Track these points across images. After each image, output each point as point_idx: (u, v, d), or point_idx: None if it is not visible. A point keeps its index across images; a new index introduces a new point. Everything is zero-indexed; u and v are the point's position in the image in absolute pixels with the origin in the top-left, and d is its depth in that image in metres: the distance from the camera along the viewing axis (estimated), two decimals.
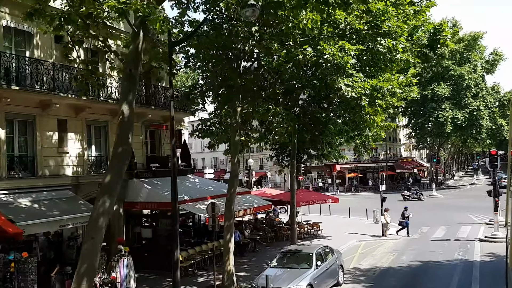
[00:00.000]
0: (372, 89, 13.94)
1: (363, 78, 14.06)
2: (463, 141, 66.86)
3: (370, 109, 14.80)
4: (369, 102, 15.78)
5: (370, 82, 13.92)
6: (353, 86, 13.38)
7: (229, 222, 15.65)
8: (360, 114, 15.07)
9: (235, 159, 15.84)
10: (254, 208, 21.13)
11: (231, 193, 15.76)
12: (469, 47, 58.65)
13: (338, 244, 23.67)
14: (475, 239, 23.47)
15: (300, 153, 24.11)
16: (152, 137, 21.31)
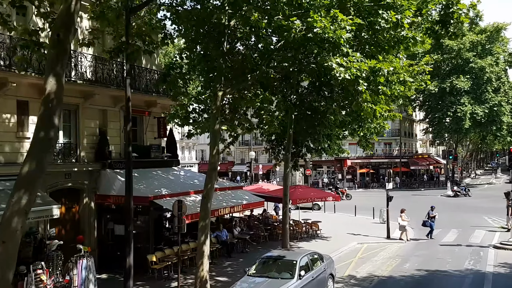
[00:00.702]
0: (370, 71, 11.78)
1: (361, 59, 11.90)
2: (482, 138, 63.65)
3: (368, 96, 12.61)
4: (369, 87, 13.71)
5: (368, 63, 11.76)
6: (347, 67, 11.25)
7: (204, 222, 13.74)
8: (357, 102, 12.90)
9: (215, 151, 13.90)
10: (243, 205, 19.24)
11: (207, 189, 13.83)
12: (492, 38, 55.38)
13: (337, 246, 21.78)
14: (489, 246, 21.18)
15: (299, 146, 22.01)
16: (133, 124, 19.44)
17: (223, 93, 13.99)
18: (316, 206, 35.58)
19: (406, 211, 23.99)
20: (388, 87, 15.38)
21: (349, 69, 11.26)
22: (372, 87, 13.52)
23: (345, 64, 11.40)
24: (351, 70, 11.26)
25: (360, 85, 12.06)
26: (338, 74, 11.03)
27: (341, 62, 11.33)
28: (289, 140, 19.52)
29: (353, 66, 11.36)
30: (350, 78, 11.25)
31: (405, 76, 18.54)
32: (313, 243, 23.10)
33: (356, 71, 11.31)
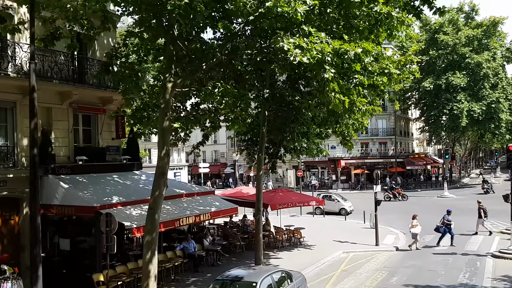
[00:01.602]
0: (335, 53, 9.75)
1: (326, 40, 9.87)
2: (480, 136, 61.65)
3: (336, 86, 10.56)
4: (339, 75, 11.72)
5: (332, 44, 9.74)
6: (307, 48, 9.23)
7: (150, 237, 11.69)
8: (324, 92, 10.86)
9: (163, 152, 11.87)
10: (211, 213, 17.17)
11: (154, 198, 11.78)
12: (488, 33, 53.43)
13: (320, 256, 19.78)
14: (487, 254, 19.15)
15: (277, 146, 19.99)
16: (86, 124, 17.43)
17: (173, 85, 11.95)
18: (318, 209, 34.02)
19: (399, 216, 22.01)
20: (366, 76, 13.50)
21: (309, 50, 9.23)
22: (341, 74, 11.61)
23: (305, 45, 9.37)
24: (311, 52, 9.22)
25: (327, 72, 10.06)
26: (293, 57, 9.00)
27: (300, 43, 9.29)
28: (262, 139, 17.50)
29: (314, 48, 9.33)
30: (310, 62, 9.22)
31: (390, 67, 16.74)
32: (295, 252, 21.08)
33: (317, 53, 9.27)
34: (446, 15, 54.87)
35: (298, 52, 9.07)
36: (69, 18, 12.52)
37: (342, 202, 34.34)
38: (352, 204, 34.92)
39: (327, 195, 36.45)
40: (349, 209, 33.92)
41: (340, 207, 33.90)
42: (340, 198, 35.29)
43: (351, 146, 18.15)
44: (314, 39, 9.69)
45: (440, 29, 53.28)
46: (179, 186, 18.71)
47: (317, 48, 9.39)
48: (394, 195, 42.32)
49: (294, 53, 9.04)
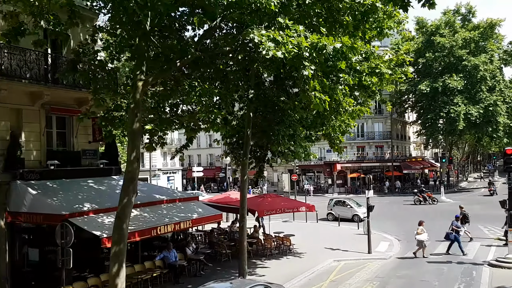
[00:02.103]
0: (312, 48, 8.89)
1: (304, 34, 9.02)
2: (478, 140, 60.88)
3: (317, 84, 9.71)
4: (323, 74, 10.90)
5: (310, 38, 8.88)
6: (282, 42, 8.38)
7: (118, 247, 10.80)
8: (304, 91, 10.01)
9: (133, 155, 11.00)
10: (192, 220, 16.25)
11: (122, 205, 10.91)
12: (485, 35, 52.84)
13: (309, 265, 18.89)
14: (483, 263, 18.24)
15: (263, 150, 19.11)
16: (61, 126, 16.53)
17: (144, 83, 11.10)
18: (330, 215, 33.08)
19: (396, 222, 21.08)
20: (352, 75, 12.67)
21: (285, 44, 8.38)
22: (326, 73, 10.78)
23: (280, 39, 8.52)
24: (287, 46, 8.37)
25: (306, 69, 9.21)
26: (265, 51, 8.14)
27: (274, 36, 8.44)
28: (246, 142, 16.63)
29: (289, 42, 8.48)
30: (285, 57, 8.36)
31: (381, 66, 15.93)
32: (283, 261, 20.16)
33: (293, 47, 8.41)
34: (443, 17, 54.34)
35: (272, 46, 8.22)
36: (34, 13, 11.69)
37: (355, 208, 32.50)
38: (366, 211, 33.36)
39: (340, 201, 34.75)
40: (363, 216, 31.61)
41: (353, 213, 32.07)
42: (353, 204, 33.25)
43: (339, 149, 17.28)
44: (291, 32, 8.85)
45: (436, 31, 52.64)
46: (160, 192, 17.82)
47: (293, 42, 8.54)
48: (425, 198, 41.77)
49: (267, 47, 8.19)
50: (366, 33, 13.10)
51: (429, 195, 42.62)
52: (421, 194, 42.46)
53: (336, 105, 13.50)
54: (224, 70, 15.54)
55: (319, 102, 9.79)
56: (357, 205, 33.30)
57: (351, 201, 34.36)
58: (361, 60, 16.15)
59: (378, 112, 59.40)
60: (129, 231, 13.23)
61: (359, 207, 32.45)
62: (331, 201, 34.81)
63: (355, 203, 33.74)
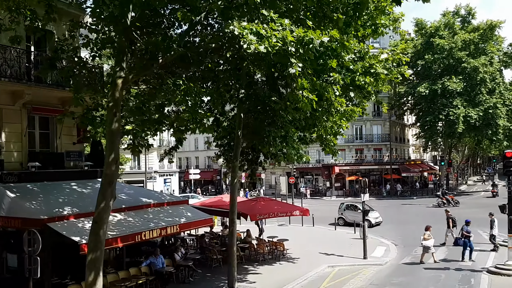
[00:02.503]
0: (299, 42, 8.31)
1: (290, 28, 8.45)
2: (477, 143, 60.27)
3: (305, 82, 9.12)
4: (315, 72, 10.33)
5: (296, 32, 8.30)
6: (266, 36, 7.81)
7: (94, 255, 10.19)
8: (292, 89, 9.44)
9: (111, 157, 10.40)
10: (180, 225, 15.62)
11: (99, 210, 10.32)
12: (485, 37, 52.25)
13: (302, 271, 18.36)
14: (482, 270, 17.63)
15: (256, 152, 18.50)
16: (44, 127, 15.95)
17: (123, 81, 10.51)
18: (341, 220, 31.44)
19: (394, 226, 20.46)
20: (343, 74, 12.10)
21: (268, 39, 7.80)
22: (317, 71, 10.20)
23: (263, 32, 7.94)
24: (270, 40, 7.79)
25: (294, 66, 8.64)
26: (246, 44, 7.56)
27: (257, 30, 7.87)
28: (237, 144, 16.06)
29: (274, 36, 7.90)
30: (268, 52, 7.79)
31: (377, 66, 15.39)
32: (276, 267, 19.56)
33: (277, 41, 7.84)
34: (443, 19, 53.82)
35: (253, 39, 7.64)
36: (10, 8, 11.15)
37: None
38: (379, 216, 31.55)
39: (351, 205, 32.80)
40: (375, 221, 30.40)
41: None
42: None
43: (332, 151, 16.69)
44: (276, 26, 8.28)
45: (435, 33, 52.15)
46: (147, 195, 17.22)
47: (278, 36, 7.97)
48: (448, 200, 41.40)
49: (248, 40, 7.62)
50: (359, 30, 12.53)
51: (451, 197, 42.48)
52: (444, 197, 42.16)
53: (328, 105, 12.93)
54: (214, 69, 15.00)
55: (307, 102, 9.21)
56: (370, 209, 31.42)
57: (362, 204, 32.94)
58: (355, 59, 15.62)
59: (376, 114, 58.87)
60: (111, 237, 12.75)
61: (371, 212, 30.61)
62: (342, 205, 33.15)
63: (367, 206, 32.23)
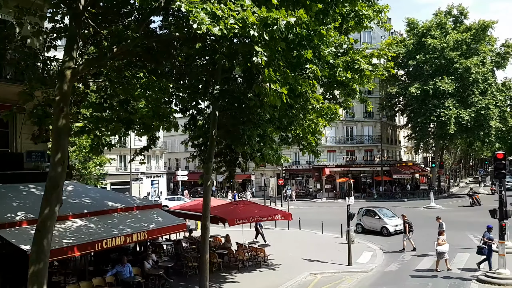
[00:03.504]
0: (261, 24, 7.25)
1: (253, 10, 7.38)
2: (469, 144, 59.56)
3: (272, 73, 8.07)
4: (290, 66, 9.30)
5: (258, 13, 7.23)
6: (223, 16, 6.74)
7: (37, 267, 9.05)
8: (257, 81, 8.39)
9: (57, 157, 9.29)
10: (148, 231, 14.46)
11: (43, 218, 9.19)
12: (477, 37, 51.50)
13: (283, 279, 17.34)
14: (471, 278, 16.66)
15: (234, 152, 17.40)
16: (3, 125, 14.76)
17: (73, 71, 9.40)
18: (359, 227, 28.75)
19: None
20: (321, 66, 11.07)
21: (225, 19, 6.73)
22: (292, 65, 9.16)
23: (220, 13, 6.87)
24: (226, 21, 6.72)
25: (259, 55, 7.59)
26: (196, 24, 6.49)
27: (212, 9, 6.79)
28: (211, 144, 15.00)
29: (231, 16, 6.83)
30: (224, 34, 6.72)
31: (361, 62, 14.41)
32: (255, 274, 18.48)
33: (235, 23, 6.77)
34: (435, 19, 53.07)
35: (205, 18, 6.56)
36: None
37: (384, 220, 27.69)
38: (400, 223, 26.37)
39: (369, 210, 29.36)
40: (393, 229, 27.02)
41: (382, 225, 27.40)
42: (383, 214, 28.28)
43: (316, 153, 15.67)
44: (235, 6, 7.21)
45: (427, 32, 51.40)
46: (114, 199, 16.06)
47: (237, 17, 6.90)
48: (477, 201, 41.76)
49: (199, 19, 6.54)
50: (337, 20, 11.48)
51: (477, 197, 42.75)
52: (473, 196, 42.42)
53: (304, 102, 11.88)
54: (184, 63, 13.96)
55: (275, 95, 8.14)
56: (388, 215, 28.61)
57: (381, 210, 29.19)
58: (338, 54, 14.63)
59: (367, 115, 58.05)
60: (66, 245, 11.65)
61: (390, 218, 28.09)
62: (360, 210, 29.77)
63: (386, 213, 28.98)
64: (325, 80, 14.99)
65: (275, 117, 13.67)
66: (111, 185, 51.09)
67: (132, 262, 16.13)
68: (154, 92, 10.54)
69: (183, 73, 14.70)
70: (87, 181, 34.37)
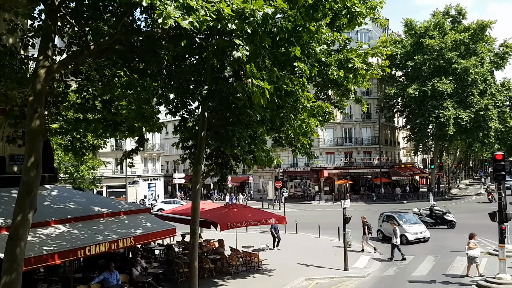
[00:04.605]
0: (237, 16, 6.75)
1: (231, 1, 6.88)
2: (469, 145, 59.02)
3: (254, 68, 7.58)
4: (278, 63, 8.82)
5: (235, 4, 6.72)
6: (194, 8, 6.23)
7: (9, 277, 8.52)
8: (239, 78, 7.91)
9: (30, 161, 8.80)
10: (134, 237, 13.91)
11: (16, 225, 8.67)
12: (476, 37, 51.04)
13: (277, 285, 16.78)
14: (471, 283, 16.12)
15: (225, 155, 16.88)
16: None
17: (47, 70, 8.90)
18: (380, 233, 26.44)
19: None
20: (310, 64, 10.58)
21: (195, 11, 6.23)
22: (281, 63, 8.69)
23: (194, 4, 6.37)
24: (198, 13, 6.22)
25: (240, 50, 7.11)
26: (162, 19, 5.98)
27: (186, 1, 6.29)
28: (200, 146, 14.50)
29: (206, 8, 6.33)
30: (196, 28, 6.22)
31: (355, 61, 13.94)
32: (249, 280, 17.93)
33: (207, 14, 6.27)
34: (432, 19, 52.64)
35: (172, 11, 6.05)
36: None
37: (404, 227, 24.39)
38: (423, 231, 24.95)
39: (389, 215, 26.27)
40: (413, 237, 24.22)
41: (401, 233, 23.11)
42: (402, 221, 24.93)
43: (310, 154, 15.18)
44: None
45: (425, 33, 50.98)
46: (101, 203, 15.52)
47: (211, 9, 6.39)
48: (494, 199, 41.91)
49: (165, 13, 6.03)
50: (328, 15, 10.98)
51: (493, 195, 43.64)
52: (491, 193, 43.39)
53: (294, 101, 11.38)
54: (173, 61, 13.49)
55: (257, 92, 7.63)
56: (410, 221, 25.48)
57: (402, 215, 26.07)
58: (331, 52, 14.17)
59: (366, 117, 57.59)
60: (46, 253, 11.12)
61: (411, 225, 25.01)
62: (381, 215, 27.13)
63: (410, 218, 25.99)
64: (319, 79, 14.53)
65: (267, 117, 13.17)
66: (107, 189, 50.62)
67: (120, 269, 15.59)
68: (136, 92, 10.04)
69: (172, 73, 14.25)
70: (80, 185, 33.83)
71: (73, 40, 10.50)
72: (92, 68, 10.51)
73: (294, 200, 57.71)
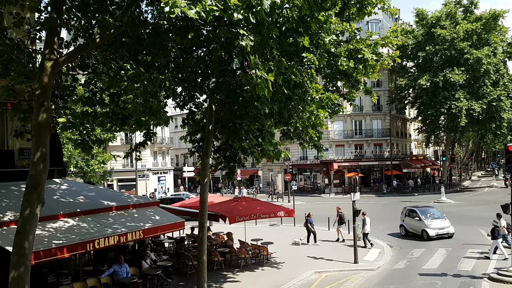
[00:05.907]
0: (244, 5, 6.60)
1: None
2: (481, 137, 58.28)
3: (258, 59, 7.45)
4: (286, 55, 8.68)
5: None
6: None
7: (17, 272, 8.55)
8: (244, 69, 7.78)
9: (37, 155, 8.78)
10: (144, 230, 13.92)
11: (24, 219, 8.67)
12: (488, 27, 50.23)
13: (285, 278, 16.83)
14: (483, 276, 15.90)
15: (234, 148, 16.77)
16: None
17: (53, 64, 8.85)
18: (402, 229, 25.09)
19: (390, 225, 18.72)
20: (319, 55, 10.41)
21: (201, 1, 6.11)
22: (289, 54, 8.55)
23: None
24: (204, 3, 6.10)
25: (244, 39, 6.98)
26: (169, 8, 5.87)
27: None
28: (208, 139, 14.41)
29: None
30: (202, 18, 6.10)
31: (364, 51, 13.71)
32: (258, 273, 17.90)
33: (214, 4, 6.15)
34: (444, 9, 51.85)
35: (179, 1, 5.93)
36: None
37: (425, 222, 23.36)
38: (446, 226, 23.62)
39: (411, 210, 25.01)
40: (434, 233, 22.90)
41: (422, 228, 23.24)
42: (425, 215, 23.90)
43: (318, 147, 15.05)
44: None
45: (437, 23, 50.26)
46: (110, 197, 15.56)
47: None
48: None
49: (172, 2, 5.92)
50: (337, 4, 10.78)
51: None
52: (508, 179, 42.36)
53: (302, 93, 11.23)
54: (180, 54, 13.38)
55: (261, 83, 7.50)
56: (433, 216, 24.16)
57: (424, 210, 24.84)
58: (340, 42, 13.96)
59: (376, 109, 57.09)
60: (55, 246, 11.15)
61: (433, 220, 23.69)
62: (404, 210, 25.75)
63: (433, 213, 24.61)
64: (328, 70, 14.33)
65: (275, 110, 13.02)
66: (117, 182, 50.96)
67: (130, 262, 15.67)
68: (142, 85, 9.97)
69: (180, 66, 14.14)
70: (90, 179, 34.04)
71: (79, 33, 10.44)
72: (99, 61, 10.45)
73: (304, 193, 57.51)
